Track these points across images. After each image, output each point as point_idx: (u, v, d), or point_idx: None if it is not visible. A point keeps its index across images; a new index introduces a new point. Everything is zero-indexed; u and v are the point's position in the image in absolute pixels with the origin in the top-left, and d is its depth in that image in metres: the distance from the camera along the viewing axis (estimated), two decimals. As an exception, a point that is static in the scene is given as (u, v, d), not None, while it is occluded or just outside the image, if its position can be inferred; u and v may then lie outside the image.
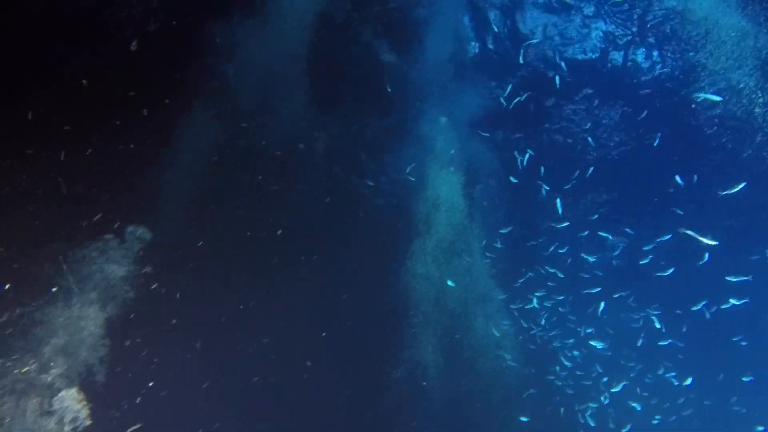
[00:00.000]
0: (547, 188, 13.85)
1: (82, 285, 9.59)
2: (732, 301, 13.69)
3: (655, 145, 14.00)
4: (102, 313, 9.70)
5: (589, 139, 14.27)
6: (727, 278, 13.45)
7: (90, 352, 9.55)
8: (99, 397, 9.10)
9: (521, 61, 13.89)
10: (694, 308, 14.70)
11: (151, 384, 11.28)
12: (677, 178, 13.43)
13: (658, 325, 14.83)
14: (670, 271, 13.51)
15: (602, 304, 14.30)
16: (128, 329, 10.37)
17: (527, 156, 13.33)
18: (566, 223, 13.80)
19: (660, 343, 15.11)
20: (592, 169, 13.89)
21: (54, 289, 9.68)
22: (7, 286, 10.04)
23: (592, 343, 15.41)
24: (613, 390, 15.31)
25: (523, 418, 13.92)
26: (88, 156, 11.20)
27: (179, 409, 11.21)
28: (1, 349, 9.03)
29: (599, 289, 14.41)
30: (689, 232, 11.64)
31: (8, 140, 10.41)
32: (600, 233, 15.01)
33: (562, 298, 15.19)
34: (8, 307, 9.51)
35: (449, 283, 13.37)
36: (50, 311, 9.74)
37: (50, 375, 8.96)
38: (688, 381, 14.01)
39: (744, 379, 15.92)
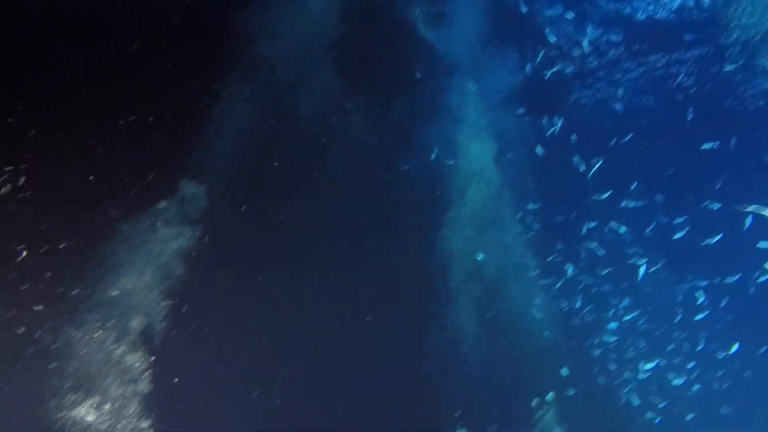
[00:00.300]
0: (581, 161, 13.83)
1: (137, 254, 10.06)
2: (768, 266, 13.49)
3: (689, 119, 13.88)
4: (156, 283, 10.16)
5: (618, 106, 14.17)
6: (760, 245, 13.21)
7: (147, 320, 10.04)
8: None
9: (552, 40, 13.95)
10: (731, 280, 14.61)
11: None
12: (707, 145, 13.32)
13: (702, 299, 14.64)
14: (718, 237, 13.27)
15: (642, 270, 14.19)
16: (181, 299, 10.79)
17: (560, 123, 13.33)
18: (609, 192, 13.64)
19: (700, 316, 14.97)
20: (630, 136, 13.82)
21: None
22: (24, 253, 10.36)
23: (626, 318, 15.39)
24: (649, 365, 15.25)
25: (570, 392, 13.91)
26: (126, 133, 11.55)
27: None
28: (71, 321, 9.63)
29: (643, 260, 14.31)
30: (749, 209, 11.51)
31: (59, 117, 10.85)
32: (632, 203, 14.87)
33: (605, 272, 15.10)
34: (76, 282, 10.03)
35: (478, 256, 13.53)
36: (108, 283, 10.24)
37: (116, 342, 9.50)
38: (735, 347, 13.85)
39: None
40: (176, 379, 11.01)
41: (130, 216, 10.67)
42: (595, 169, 13.36)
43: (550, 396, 11.98)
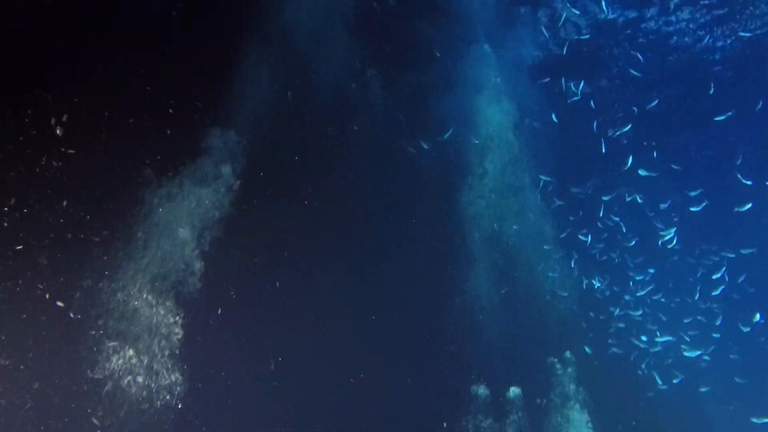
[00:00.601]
0: (601, 130, 13.87)
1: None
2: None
3: (711, 92, 13.82)
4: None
5: (633, 71, 14.12)
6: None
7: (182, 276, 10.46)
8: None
9: (576, 12, 13.96)
10: (746, 251, 14.64)
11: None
12: (720, 118, 13.26)
13: (720, 272, 14.67)
14: (748, 206, 13.28)
15: (666, 238, 14.19)
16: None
17: (581, 86, 13.36)
18: (630, 160, 13.59)
19: (718, 290, 15.02)
20: (655, 102, 13.77)
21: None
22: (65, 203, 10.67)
23: (640, 293, 15.45)
24: (663, 339, 15.32)
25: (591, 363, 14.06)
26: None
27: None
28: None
29: (670, 230, 14.36)
30: None
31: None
32: (650, 174, 14.86)
33: (631, 244, 15.09)
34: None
35: (495, 226, 13.72)
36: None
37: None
38: (757, 318, 13.92)
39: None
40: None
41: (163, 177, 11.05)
42: (617, 134, 13.40)
43: (567, 354, 12.20)
